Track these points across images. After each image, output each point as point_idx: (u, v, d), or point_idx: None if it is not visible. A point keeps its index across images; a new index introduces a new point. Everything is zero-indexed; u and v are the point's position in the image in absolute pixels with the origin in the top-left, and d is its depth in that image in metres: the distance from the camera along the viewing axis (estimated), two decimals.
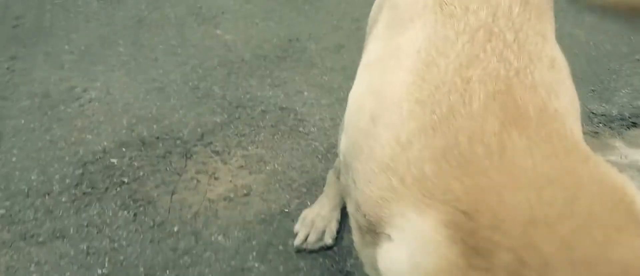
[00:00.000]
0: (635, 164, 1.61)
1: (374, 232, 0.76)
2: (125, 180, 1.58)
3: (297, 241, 1.41)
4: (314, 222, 1.42)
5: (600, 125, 1.76)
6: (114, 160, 1.62)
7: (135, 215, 1.49)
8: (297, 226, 1.44)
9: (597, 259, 0.58)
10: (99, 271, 1.37)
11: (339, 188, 1.36)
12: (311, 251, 1.41)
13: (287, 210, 1.52)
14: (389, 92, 0.83)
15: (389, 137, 0.77)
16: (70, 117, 1.80)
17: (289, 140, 1.71)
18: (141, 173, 1.58)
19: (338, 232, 1.44)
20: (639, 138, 1.74)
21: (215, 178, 1.58)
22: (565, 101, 0.80)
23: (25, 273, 1.36)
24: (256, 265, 1.38)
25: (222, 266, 1.38)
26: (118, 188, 1.56)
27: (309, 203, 1.52)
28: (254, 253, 1.41)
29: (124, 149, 1.65)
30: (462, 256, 0.61)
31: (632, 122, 1.77)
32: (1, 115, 1.80)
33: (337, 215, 1.44)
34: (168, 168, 1.60)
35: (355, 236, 0.86)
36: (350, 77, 2.03)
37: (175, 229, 1.46)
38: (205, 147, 1.67)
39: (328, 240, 1.41)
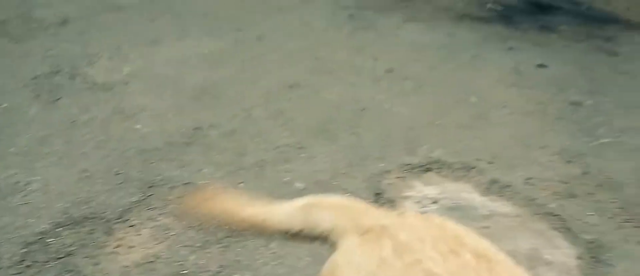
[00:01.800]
0: (429, 197, 2.30)
1: None
2: (60, 255, 2.05)
3: None
4: None
5: (406, 171, 2.45)
6: (51, 239, 2.10)
7: None
8: None
9: None
10: None
11: None
12: None
13: (185, 271, 2.01)
14: None
15: None
16: (16, 206, 2.27)
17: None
18: (72, 249, 2.06)
19: None
20: (432, 180, 2.42)
21: (130, 248, 2.08)
22: None
23: None
24: None
25: None
26: (54, 262, 2.03)
27: (204, 259, 2.04)
28: None
29: (59, 229, 2.14)
30: None
31: (427, 168, 2.48)
32: None
33: None
34: (93, 243, 2.09)
35: None
36: (241, 154, 2.69)
37: None
38: (123, 223, 2.17)
39: None
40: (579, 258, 2.08)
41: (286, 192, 2.37)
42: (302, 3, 4.30)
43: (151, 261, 2.03)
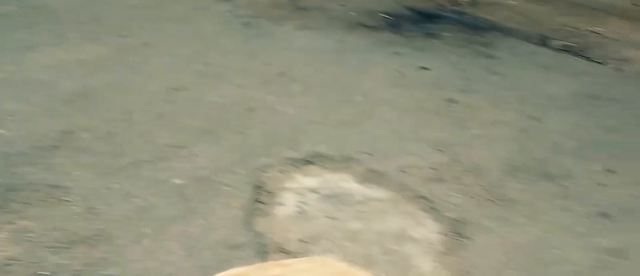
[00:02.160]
0: (308, 188, 2.37)
1: None
2: None
3: None
4: None
5: (288, 165, 2.50)
6: None
7: None
8: None
9: None
10: None
11: None
12: None
13: (46, 273, 1.90)
14: None
15: None
16: None
17: (54, 209, 2.13)
18: None
19: None
20: (312, 172, 2.50)
21: None
22: None
23: None
24: None
25: None
26: None
27: (67, 259, 1.93)
28: None
29: None
30: None
31: (309, 162, 2.55)
32: None
33: None
34: None
35: None
36: (116, 155, 2.59)
37: None
38: None
39: None
40: (443, 234, 2.22)
41: (162, 189, 2.32)
42: (197, 12, 4.29)
43: (8, 264, 1.89)
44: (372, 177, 2.58)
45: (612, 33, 4.76)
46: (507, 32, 4.78)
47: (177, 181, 2.38)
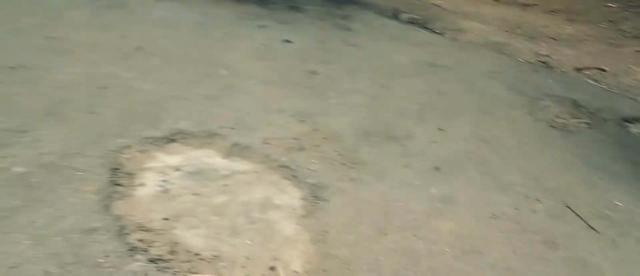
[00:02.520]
0: (171, 166, 2.34)
1: None
2: None
3: None
4: None
5: (148, 144, 2.46)
6: None
7: None
8: None
9: None
10: None
11: None
12: None
13: None
14: None
15: None
16: None
17: None
18: None
19: None
20: (175, 149, 2.49)
21: None
22: None
23: None
24: None
25: None
26: None
27: None
28: None
29: None
30: None
31: (171, 140, 2.53)
32: None
33: None
34: None
35: None
36: None
37: None
38: None
39: None
40: (303, 199, 2.36)
41: (2, 178, 2.12)
42: None
43: None
44: (236, 150, 2.63)
45: (450, 5, 5.33)
46: (364, 5, 5.09)
47: (19, 169, 2.18)
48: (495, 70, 4.01)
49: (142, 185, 2.32)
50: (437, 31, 4.71)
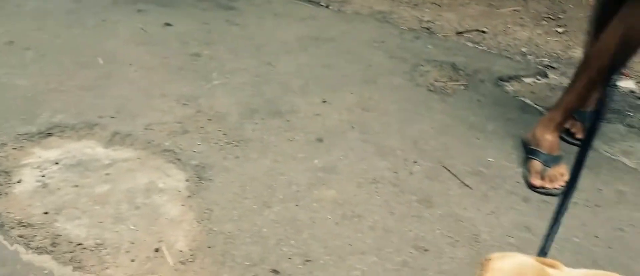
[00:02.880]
0: (49, 160, 2.36)
1: None
2: None
3: None
4: None
5: (24, 141, 2.45)
6: None
7: None
8: None
9: None
10: None
11: None
12: None
13: None
14: None
15: None
16: None
17: None
18: None
19: None
20: (53, 143, 2.51)
21: None
22: None
23: None
24: None
25: None
26: None
27: None
28: None
29: None
30: None
31: (48, 134, 2.55)
32: None
33: None
34: None
35: None
36: None
37: None
38: None
39: None
40: (187, 180, 2.50)
41: None
42: None
43: None
44: (117, 138, 2.68)
45: None
46: None
47: None
48: (379, 39, 4.23)
49: (19, 181, 2.31)
50: (322, 4, 4.91)
